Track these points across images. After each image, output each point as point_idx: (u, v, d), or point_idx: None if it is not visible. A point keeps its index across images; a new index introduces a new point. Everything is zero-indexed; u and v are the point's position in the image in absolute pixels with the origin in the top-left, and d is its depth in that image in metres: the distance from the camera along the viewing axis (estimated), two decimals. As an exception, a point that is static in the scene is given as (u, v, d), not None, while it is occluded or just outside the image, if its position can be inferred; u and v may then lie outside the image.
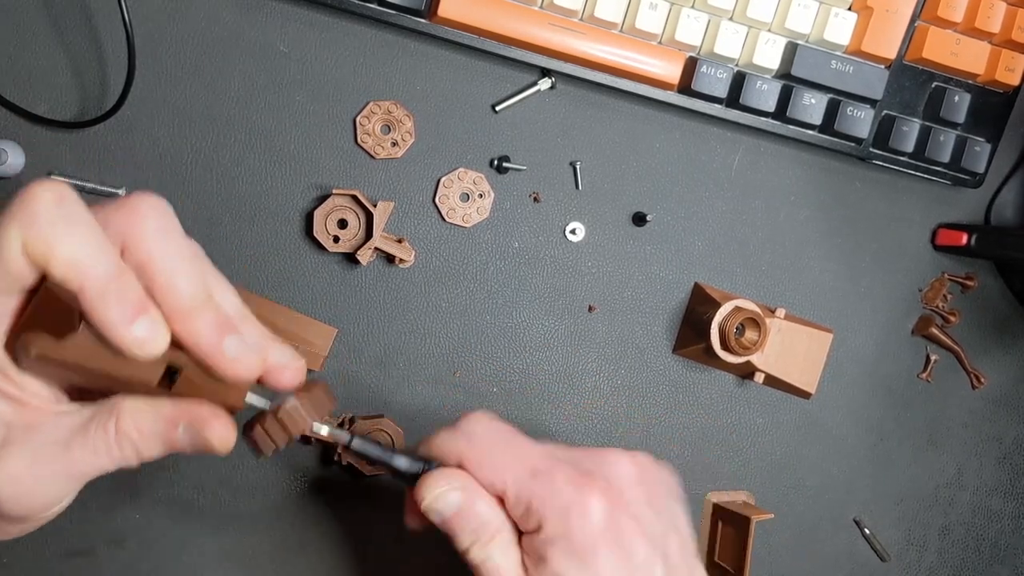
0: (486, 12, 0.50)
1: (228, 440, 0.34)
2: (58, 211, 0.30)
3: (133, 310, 0.30)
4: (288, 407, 0.35)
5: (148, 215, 0.32)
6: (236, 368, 0.33)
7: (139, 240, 0.31)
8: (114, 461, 0.34)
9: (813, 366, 0.56)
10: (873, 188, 0.59)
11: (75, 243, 0.30)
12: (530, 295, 0.55)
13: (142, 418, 0.33)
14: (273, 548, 0.54)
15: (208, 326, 0.32)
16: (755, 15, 0.52)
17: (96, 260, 0.30)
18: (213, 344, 0.32)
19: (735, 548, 0.56)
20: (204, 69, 0.51)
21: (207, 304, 0.32)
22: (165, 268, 0.31)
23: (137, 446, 0.34)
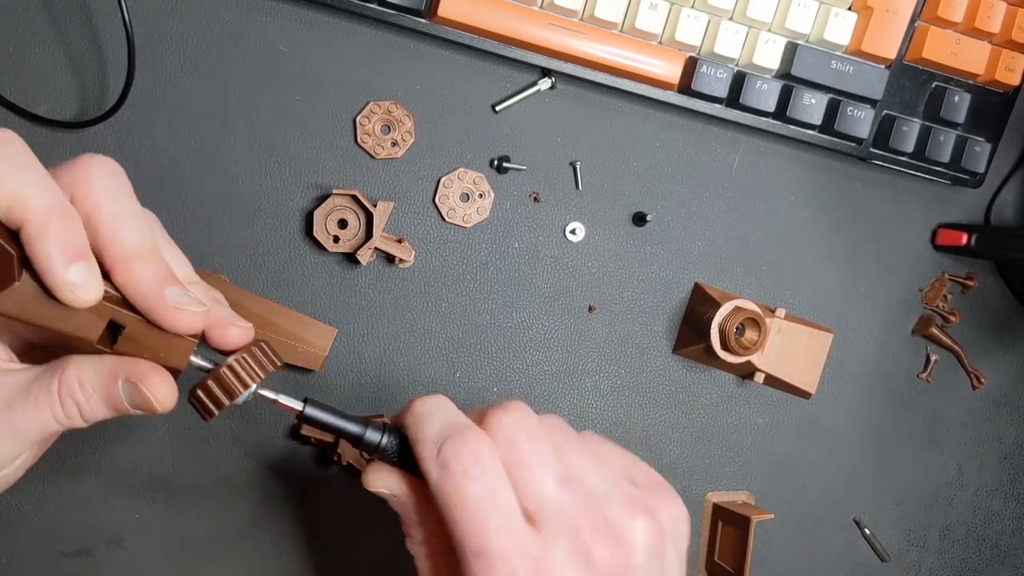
0: (486, 12, 0.50)
1: (168, 398, 0.33)
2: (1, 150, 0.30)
3: (72, 252, 0.31)
4: (231, 363, 0.34)
5: (96, 172, 0.33)
6: (178, 317, 0.33)
7: (86, 192, 0.32)
8: (57, 418, 0.33)
9: (813, 366, 0.56)
10: (873, 188, 0.59)
11: (19, 177, 0.30)
12: (530, 295, 0.55)
13: (84, 371, 0.33)
14: (273, 548, 0.54)
15: (150, 274, 0.32)
16: (755, 15, 0.52)
17: (41, 196, 0.30)
18: (154, 292, 0.32)
19: (735, 548, 0.56)
20: (204, 69, 0.51)
21: (151, 254, 0.33)
22: (111, 218, 0.32)
23: (79, 402, 0.33)
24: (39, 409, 0.33)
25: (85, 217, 0.32)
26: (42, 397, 0.33)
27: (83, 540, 0.51)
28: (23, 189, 0.30)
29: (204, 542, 0.53)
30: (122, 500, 0.52)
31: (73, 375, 0.33)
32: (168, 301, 0.33)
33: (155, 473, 0.52)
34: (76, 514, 0.51)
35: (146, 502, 0.52)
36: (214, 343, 0.35)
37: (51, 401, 0.33)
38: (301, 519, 0.54)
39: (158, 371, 0.33)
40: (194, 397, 0.34)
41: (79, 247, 0.31)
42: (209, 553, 0.53)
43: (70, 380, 0.33)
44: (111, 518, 0.52)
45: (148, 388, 0.33)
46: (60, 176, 0.32)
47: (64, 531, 0.51)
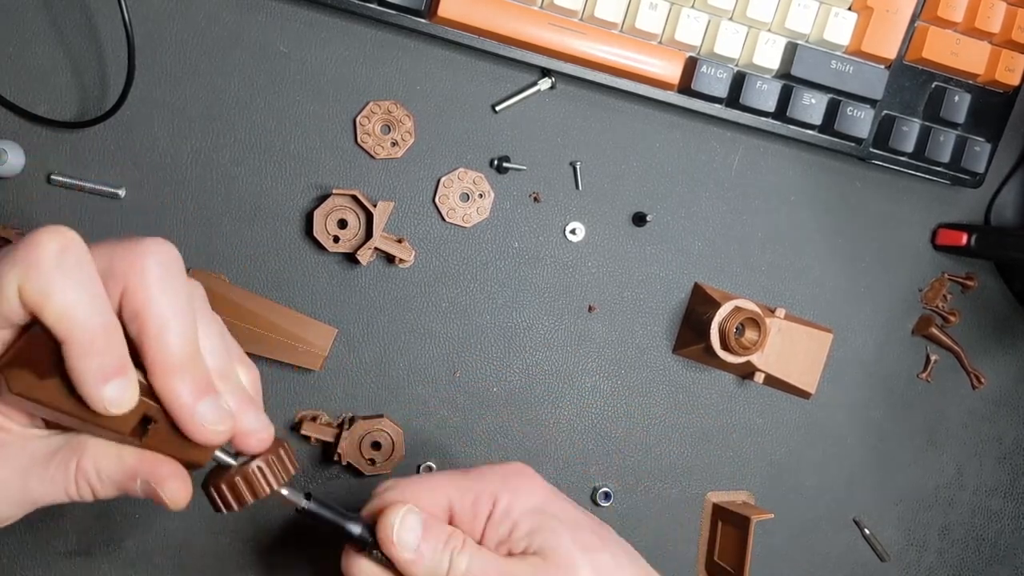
0: (486, 12, 0.50)
1: (183, 500, 0.35)
2: (59, 261, 0.31)
3: (110, 371, 0.31)
4: (251, 469, 0.35)
5: (152, 262, 0.32)
6: (205, 435, 0.34)
7: (138, 287, 0.32)
8: (67, 495, 0.34)
9: (813, 366, 0.56)
10: (873, 188, 0.59)
11: (69, 297, 0.30)
12: (530, 295, 0.55)
13: (103, 463, 0.34)
14: (273, 548, 0.54)
15: (187, 387, 0.33)
16: (755, 15, 0.52)
17: (86, 316, 0.31)
18: (188, 407, 0.33)
19: (735, 548, 0.56)
20: (204, 69, 0.51)
21: (191, 363, 0.33)
22: (158, 321, 0.32)
23: (94, 488, 0.34)
24: (54, 485, 0.34)
25: (134, 313, 0.32)
26: (59, 475, 0.34)
27: (83, 540, 0.51)
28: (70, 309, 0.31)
29: (204, 542, 0.53)
30: (122, 501, 0.52)
31: (91, 464, 0.34)
32: (198, 419, 0.33)
33: (155, 473, 0.52)
34: (76, 514, 0.51)
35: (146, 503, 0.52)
36: (236, 447, 0.36)
37: (67, 481, 0.34)
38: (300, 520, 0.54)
39: (176, 477, 0.34)
40: (216, 489, 0.35)
41: (118, 366, 0.32)
42: (208, 552, 0.53)
43: (87, 467, 0.34)
44: (111, 518, 0.52)
45: (164, 491, 0.34)
46: (115, 262, 0.32)
47: (64, 531, 0.51)
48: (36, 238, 0.31)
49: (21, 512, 0.35)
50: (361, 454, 0.52)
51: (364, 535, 0.39)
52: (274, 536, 0.54)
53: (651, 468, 0.58)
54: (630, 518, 0.58)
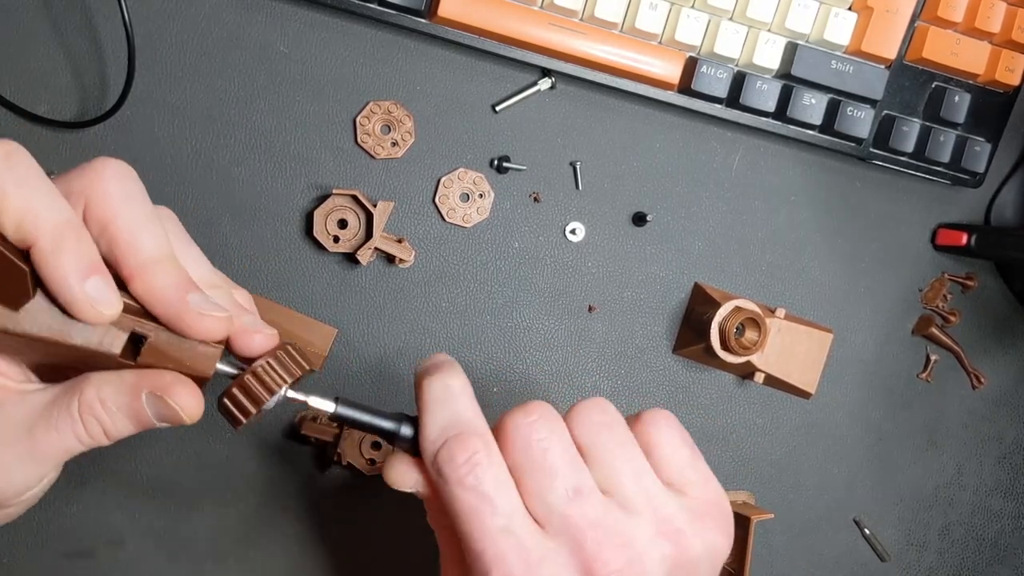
0: (486, 12, 0.50)
1: (195, 408, 0.32)
2: (6, 165, 0.29)
3: (87, 267, 0.30)
4: (256, 369, 0.33)
5: (111, 177, 0.31)
6: (202, 323, 0.32)
7: (101, 199, 0.31)
8: (80, 439, 0.32)
9: (813, 366, 0.56)
10: (873, 188, 0.59)
11: (26, 194, 0.29)
12: (530, 295, 0.55)
13: (105, 390, 0.32)
14: (273, 548, 0.54)
15: (171, 279, 0.31)
16: (755, 15, 0.52)
17: (50, 211, 0.29)
18: (176, 299, 0.31)
19: (735, 548, 0.56)
20: (204, 69, 0.51)
21: (170, 261, 0.32)
22: (127, 226, 0.31)
23: (103, 421, 0.32)
24: (61, 432, 0.32)
25: (100, 225, 0.31)
26: (63, 419, 0.32)
27: (83, 540, 0.51)
28: (31, 206, 0.29)
29: (204, 542, 0.53)
30: (122, 500, 0.52)
31: (93, 394, 0.32)
32: (191, 306, 0.31)
33: (155, 473, 0.52)
34: (76, 514, 0.51)
35: (146, 502, 0.52)
36: (239, 351, 0.34)
37: (73, 423, 0.32)
38: (301, 519, 0.54)
39: (183, 382, 0.32)
40: (221, 405, 0.33)
41: (94, 261, 0.30)
42: (209, 553, 0.53)
43: (90, 399, 0.32)
44: (111, 518, 0.52)
45: (174, 400, 0.32)
46: (72, 183, 0.31)
47: (64, 531, 0.51)
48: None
49: (40, 472, 0.33)
50: (361, 454, 0.52)
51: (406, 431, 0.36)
52: (273, 537, 0.54)
53: (651, 468, 0.58)
54: (630, 518, 0.58)
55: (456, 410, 0.35)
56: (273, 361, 0.34)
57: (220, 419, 0.52)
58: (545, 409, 0.35)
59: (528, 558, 0.32)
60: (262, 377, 0.33)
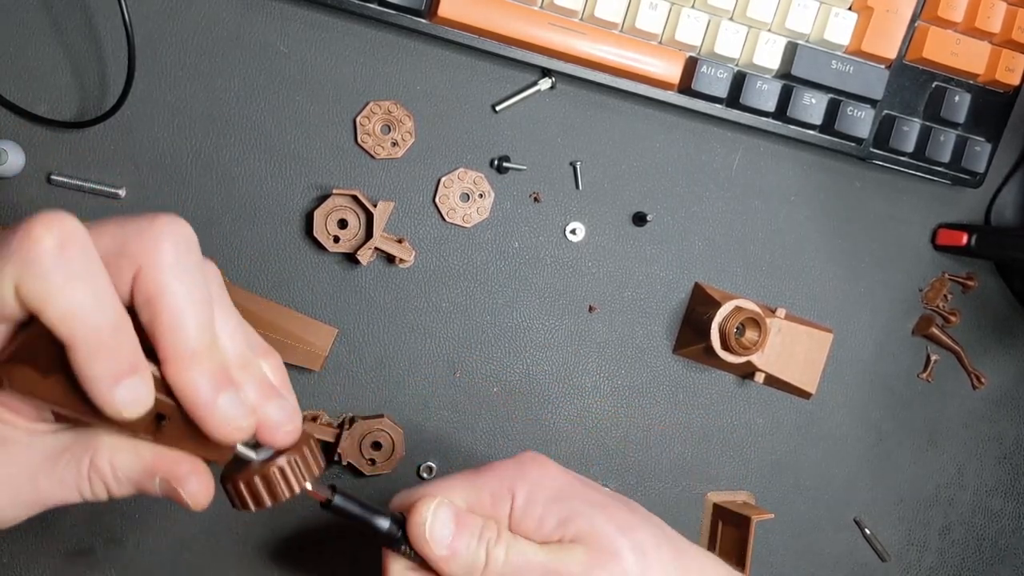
0: (486, 12, 0.50)
1: (205, 499, 0.32)
2: (58, 257, 0.27)
3: (121, 372, 0.28)
4: (272, 470, 0.33)
5: (167, 244, 0.30)
6: (226, 431, 0.31)
7: (153, 270, 0.29)
8: (81, 495, 0.32)
9: (813, 366, 0.56)
10: (873, 188, 0.59)
11: (73, 297, 0.27)
12: (530, 295, 0.55)
13: (119, 461, 0.31)
14: (272, 547, 0.54)
15: (205, 379, 0.30)
16: (755, 15, 0.52)
17: (92, 316, 0.28)
18: (207, 402, 0.30)
19: (735, 548, 0.56)
20: (204, 69, 0.51)
21: (209, 352, 0.30)
22: (174, 308, 0.29)
23: (109, 486, 0.32)
24: (64, 486, 0.31)
25: (146, 297, 0.29)
26: (69, 475, 0.31)
27: (83, 540, 0.51)
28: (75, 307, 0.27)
29: (204, 542, 0.53)
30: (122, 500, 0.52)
31: (106, 460, 0.31)
32: (219, 413, 0.30)
33: (155, 473, 0.52)
34: (76, 514, 0.51)
35: (146, 502, 0.52)
36: (262, 441, 0.33)
37: (79, 480, 0.31)
38: (301, 519, 0.54)
39: (197, 474, 0.32)
40: (234, 488, 0.33)
41: (130, 366, 0.29)
42: (209, 553, 0.53)
43: (102, 465, 0.31)
44: (111, 518, 0.52)
45: (185, 490, 0.32)
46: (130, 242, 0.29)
47: (64, 531, 0.51)
48: (32, 230, 0.27)
49: (29, 513, 0.32)
50: (361, 454, 0.52)
51: (393, 531, 0.37)
52: (273, 537, 0.54)
53: (651, 468, 0.58)
54: (630, 518, 0.58)
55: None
56: (299, 459, 0.33)
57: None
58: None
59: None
60: (287, 474, 0.33)
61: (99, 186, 0.50)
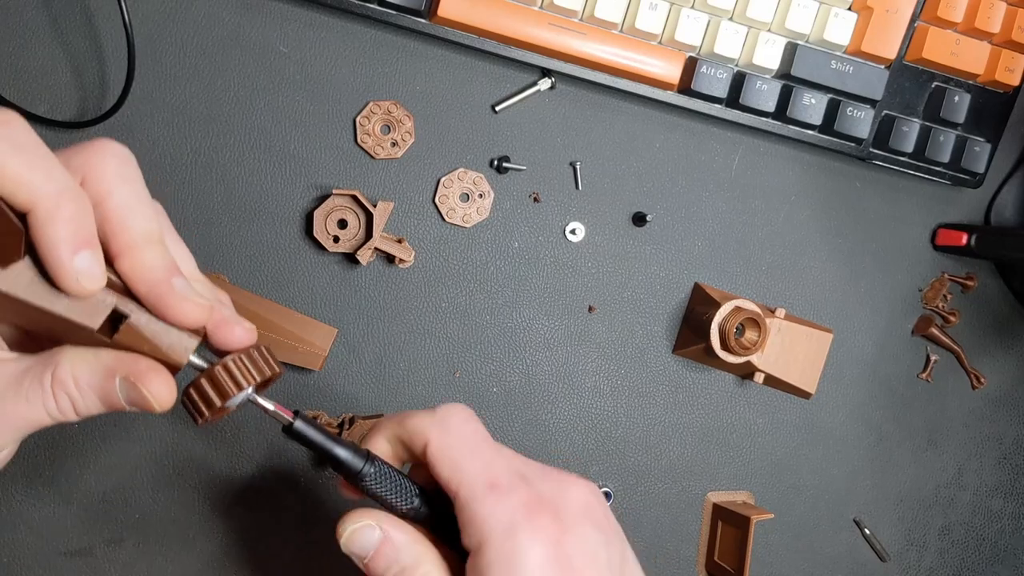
0: (486, 12, 0.50)
1: (167, 397, 0.32)
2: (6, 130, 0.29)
3: (80, 239, 0.30)
4: (227, 362, 0.33)
5: (111, 156, 0.32)
6: (183, 307, 0.32)
7: (99, 176, 0.31)
8: (49, 413, 0.32)
9: (813, 366, 0.56)
10: (873, 188, 0.59)
11: (24, 160, 0.29)
12: (530, 295, 0.55)
13: (80, 367, 0.32)
14: (273, 548, 0.54)
15: (157, 261, 0.32)
16: (755, 15, 0.52)
17: (49, 178, 0.29)
18: (162, 280, 0.32)
19: (735, 548, 0.56)
20: (204, 69, 0.51)
21: (159, 244, 0.32)
22: (122, 203, 0.31)
23: (73, 398, 0.32)
24: (30, 404, 0.32)
25: (95, 201, 0.31)
26: (34, 391, 0.32)
27: (83, 540, 0.51)
28: (29, 172, 0.29)
29: (203, 542, 0.53)
30: (122, 500, 0.52)
31: (67, 370, 0.32)
32: (175, 289, 0.32)
33: (155, 473, 0.52)
34: (76, 514, 0.51)
35: (146, 502, 0.52)
36: (216, 343, 0.34)
37: (44, 396, 0.32)
38: (300, 519, 0.54)
39: (157, 370, 0.32)
40: (186, 396, 0.33)
41: (88, 235, 0.30)
42: (208, 553, 0.53)
43: (63, 375, 0.32)
44: (111, 518, 0.52)
45: (147, 388, 0.32)
46: (71, 159, 0.31)
47: (64, 531, 0.51)
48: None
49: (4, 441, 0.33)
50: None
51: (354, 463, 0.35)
52: (274, 537, 0.54)
53: (651, 468, 0.58)
54: (630, 518, 0.58)
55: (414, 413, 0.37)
56: (245, 357, 0.33)
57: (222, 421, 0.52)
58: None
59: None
60: (232, 371, 0.33)
61: (99, 186, 0.50)
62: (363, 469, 0.35)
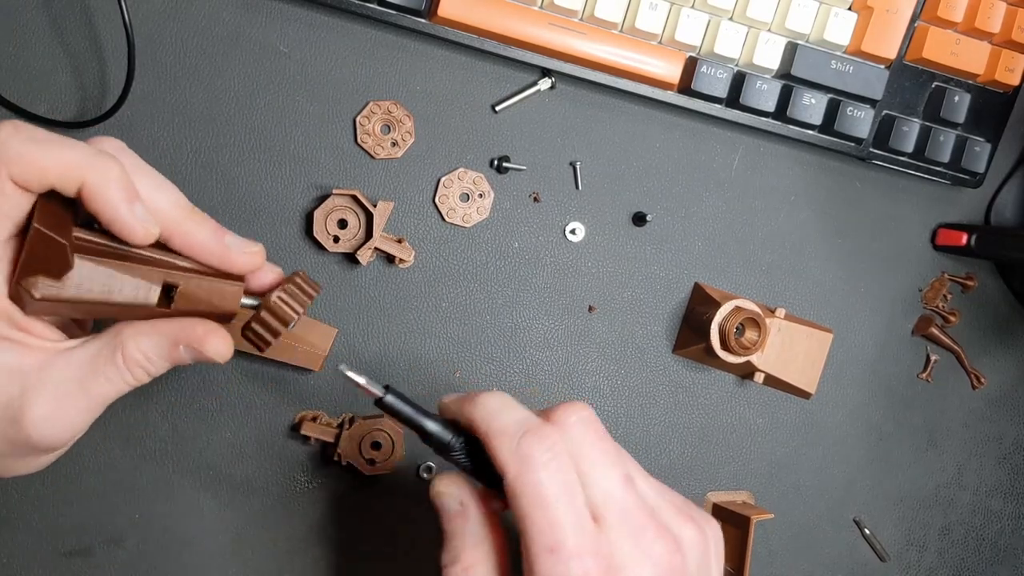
0: (486, 12, 0.50)
1: (225, 353, 0.37)
2: (24, 134, 0.33)
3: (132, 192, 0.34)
4: (277, 296, 0.38)
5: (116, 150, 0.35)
6: (242, 260, 0.37)
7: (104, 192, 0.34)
8: (128, 384, 0.36)
9: (813, 366, 0.56)
10: (873, 188, 0.59)
11: (62, 149, 0.33)
12: (530, 295, 0.55)
13: (145, 343, 0.35)
14: (273, 548, 0.54)
15: (205, 231, 0.36)
16: (755, 15, 0.52)
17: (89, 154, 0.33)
18: (218, 245, 0.36)
19: (735, 548, 0.56)
20: (204, 69, 0.51)
21: (192, 213, 0.36)
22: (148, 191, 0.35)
23: (146, 368, 0.36)
24: (112, 381, 0.35)
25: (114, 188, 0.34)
26: (111, 370, 0.35)
27: (83, 540, 0.51)
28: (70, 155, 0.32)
29: (203, 542, 0.53)
30: (122, 500, 0.52)
31: (134, 347, 0.35)
32: (231, 249, 0.37)
33: (155, 473, 0.52)
34: (76, 514, 0.51)
35: (146, 502, 0.52)
36: (254, 286, 0.39)
37: (121, 373, 0.35)
38: (301, 519, 0.54)
39: (214, 331, 0.36)
40: (250, 331, 0.38)
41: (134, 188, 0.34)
42: (209, 553, 0.53)
43: (132, 352, 0.35)
44: (111, 518, 0.52)
45: (208, 349, 0.36)
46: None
47: (64, 531, 0.51)
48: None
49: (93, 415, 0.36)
50: (361, 454, 0.52)
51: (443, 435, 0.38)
52: (274, 537, 0.54)
53: (651, 468, 0.58)
54: (630, 518, 0.58)
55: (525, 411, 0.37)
56: (293, 286, 0.38)
57: (221, 421, 0.52)
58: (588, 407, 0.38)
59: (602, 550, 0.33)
60: (287, 300, 0.38)
61: (99, 186, 0.50)
62: (450, 442, 0.38)
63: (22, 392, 0.34)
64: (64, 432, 0.35)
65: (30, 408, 0.34)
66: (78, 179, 0.33)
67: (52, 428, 0.34)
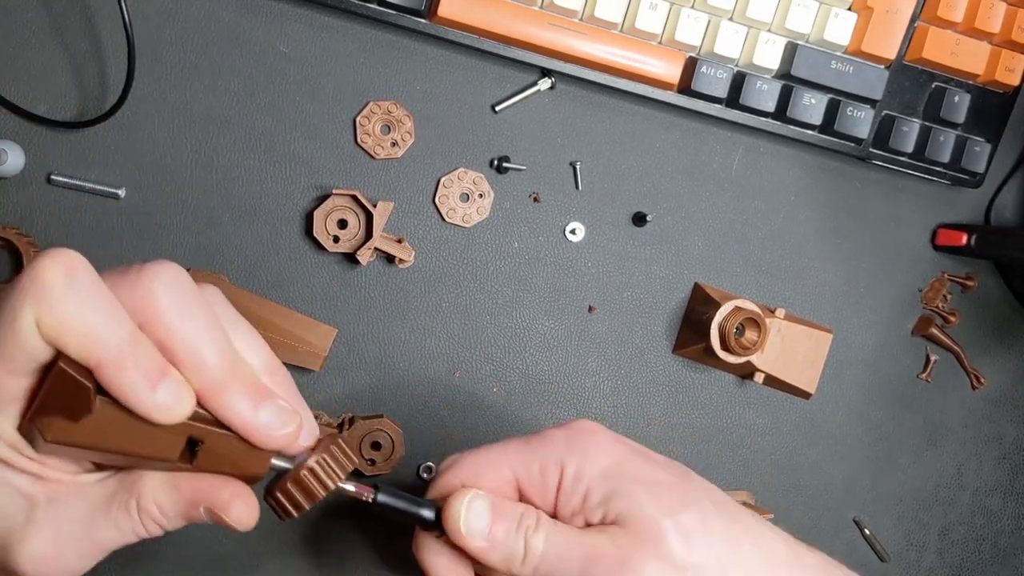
0: (486, 12, 0.50)
1: (248, 522, 0.34)
2: (68, 284, 0.29)
3: (154, 375, 0.30)
4: (308, 467, 0.34)
5: (160, 291, 0.31)
6: (273, 439, 0.33)
7: (154, 317, 0.31)
8: (137, 536, 0.34)
9: (813, 366, 0.56)
10: (873, 188, 0.59)
11: (88, 317, 0.29)
12: (530, 295, 0.55)
13: (162, 499, 0.33)
14: (273, 550, 0.54)
15: (241, 399, 0.32)
16: (755, 15, 0.52)
17: (110, 331, 0.29)
18: (250, 419, 0.32)
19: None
20: (204, 69, 0.51)
21: (236, 373, 0.32)
22: (187, 343, 0.31)
23: (159, 522, 0.33)
24: (121, 529, 0.33)
25: (160, 343, 0.31)
26: (123, 519, 0.33)
27: None
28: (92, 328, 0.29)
29: (203, 546, 0.53)
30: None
31: (150, 500, 0.33)
32: (262, 429, 0.32)
33: (155, 473, 0.52)
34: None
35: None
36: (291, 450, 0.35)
37: (132, 523, 0.33)
38: (301, 519, 0.54)
39: (239, 496, 0.33)
40: (273, 499, 0.34)
41: (158, 367, 0.30)
42: (209, 555, 0.53)
43: (148, 506, 0.33)
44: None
45: (229, 515, 0.33)
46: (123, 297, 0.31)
47: None
48: (39, 266, 0.29)
49: (91, 562, 0.34)
50: (361, 454, 0.52)
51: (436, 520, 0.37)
52: (274, 540, 0.54)
53: (651, 468, 0.58)
54: (630, 518, 0.58)
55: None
56: (328, 458, 0.34)
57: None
58: None
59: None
60: (318, 474, 0.34)
61: (99, 186, 0.50)
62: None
63: (25, 523, 0.32)
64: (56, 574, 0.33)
65: (28, 543, 0.32)
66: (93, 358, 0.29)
67: (45, 569, 0.32)
